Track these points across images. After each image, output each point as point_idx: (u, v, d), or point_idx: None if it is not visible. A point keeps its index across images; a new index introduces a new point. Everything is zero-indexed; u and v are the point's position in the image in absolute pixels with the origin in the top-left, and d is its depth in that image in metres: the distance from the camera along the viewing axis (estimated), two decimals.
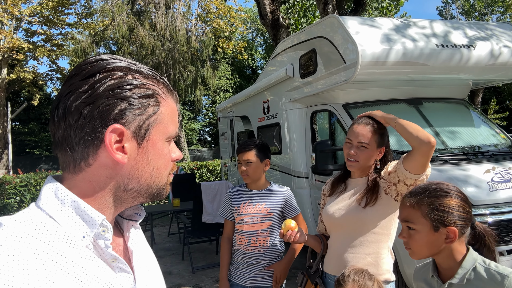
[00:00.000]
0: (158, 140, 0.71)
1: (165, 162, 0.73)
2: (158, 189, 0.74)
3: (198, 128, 26.25)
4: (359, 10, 10.94)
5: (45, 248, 0.58)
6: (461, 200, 1.17)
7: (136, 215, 0.82)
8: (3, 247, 0.55)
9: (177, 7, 17.06)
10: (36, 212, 0.63)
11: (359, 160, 1.73)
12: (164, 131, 0.71)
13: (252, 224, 2.15)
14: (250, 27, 28.02)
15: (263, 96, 5.88)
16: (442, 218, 1.14)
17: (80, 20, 18.04)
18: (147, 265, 0.81)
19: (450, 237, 1.14)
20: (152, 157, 0.70)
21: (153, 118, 0.69)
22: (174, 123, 0.74)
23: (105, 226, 0.66)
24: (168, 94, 0.74)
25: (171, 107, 0.73)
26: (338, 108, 4.16)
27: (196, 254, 5.79)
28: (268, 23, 10.07)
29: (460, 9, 24.04)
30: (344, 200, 1.81)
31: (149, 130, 0.69)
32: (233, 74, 26.51)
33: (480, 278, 1.09)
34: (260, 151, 2.18)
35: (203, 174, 10.45)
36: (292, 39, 4.98)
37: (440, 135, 3.92)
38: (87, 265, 0.62)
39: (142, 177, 0.70)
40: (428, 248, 1.17)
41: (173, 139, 0.76)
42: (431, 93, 4.40)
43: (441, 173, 3.21)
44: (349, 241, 1.76)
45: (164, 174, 0.74)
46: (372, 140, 1.73)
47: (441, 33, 3.85)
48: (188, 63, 16.73)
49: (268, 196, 2.20)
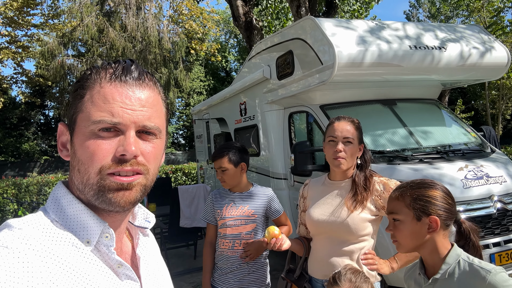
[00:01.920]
0: (81, 129, 0.64)
1: (89, 155, 0.63)
2: (94, 190, 0.64)
3: (172, 131, 25.88)
4: (331, 12, 11.14)
5: (50, 251, 0.59)
6: (444, 192, 1.21)
7: (146, 222, 0.81)
8: (9, 250, 0.55)
9: (148, 8, 16.78)
10: (44, 216, 0.64)
11: (346, 157, 1.72)
12: (86, 119, 0.64)
13: (235, 227, 2.12)
14: (223, 28, 27.93)
15: (239, 98, 5.85)
16: (424, 207, 1.18)
17: (47, 21, 17.44)
18: (156, 274, 0.79)
19: (432, 227, 1.17)
20: (77, 149, 0.65)
21: (78, 107, 0.66)
22: (102, 109, 0.63)
23: (108, 232, 0.66)
24: (102, 78, 0.66)
25: (99, 93, 0.64)
26: (316, 109, 4.19)
27: (174, 260, 5.68)
28: (242, 25, 10.07)
29: (427, 12, 24.92)
30: (327, 203, 1.79)
31: (75, 120, 0.66)
32: (207, 76, 26.33)
33: (463, 273, 1.11)
34: (233, 156, 2.13)
35: (179, 177, 10.30)
36: (268, 40, 4.99)
37: (414, 135, 4.02)
38: (90, 271, 0.62)
39: (74, 172, 0.67)
40: (412, 239, 1.20)
41: (112, 129, 0.64)
42: (405, 93, 4.50)
43: (417, 172, 3.28)
44: (335, 245, 1.74)
45: (91, 170, 0.63)
46: (355, 136, 1.74)
47: (414, 35, 3.95)
48: (161, 65, 16.47)
49: (251, 198, 2.18)
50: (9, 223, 0.61)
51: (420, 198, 1.19)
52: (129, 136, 0.64)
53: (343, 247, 1.72)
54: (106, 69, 0.67)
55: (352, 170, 1.78)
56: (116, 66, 0.67)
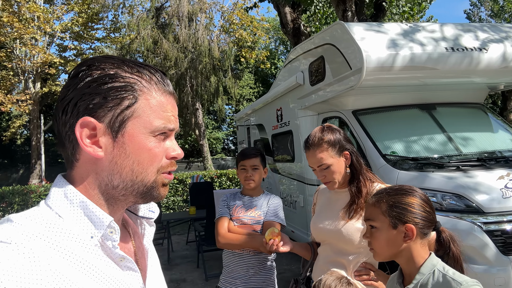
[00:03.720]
0: (137, 133, 0.68)
1: (150, 157, 0.69)
2: (146, 187, 0.70)
3: (222, 137, 26.51)
4: (380, 15, 10.80)
5: (56, 245, 0.59)
6: (422, 200, 1.16)
7: (150, 213, 0.83)
8: (13, 245, 0.55)
9: (200, 19, 17.45)
10: (46, 210, 0.64)
11: (333, 178, 1.69)
12: (145, 124, 0.68)
13: (244, 226, 2.17)
14: (272, 36, 28.21)
15: (276, 104, 5.90)
16: (400, 215, 1.14)
17: (108, 35, 18.83)
18: (156, 265, 0.83)
19: (408, 235, 1.13)
20: (131, 150, 0.68)
21: (130, 110, 0.67)
22: (162, 117, 0.70)
23: (113, 227, 0.66)
24: (153, 87, 0.70)
25: (156, 100, 0.70)
26: (348, 114, 4.13)
27: (211, 262, 5.82)
28: (290, 32, 10.12)
29: (489, 11, 23.25)
30: (329, 212, 1.78)
31: (124, 123, 0.67)
32: (256, 83, 26.70)
33: (436, 284, 1.06)
34: (262, 158, 2.28)
35: (223, 182, 10.53)
36: (302, 46, 5.00)
37: (454, 141, 3.80)
38: (96, 262, 0.63)
39: (122, 171, 0.68)
40: (388, 247, 1.16)
41: (164, 133, 0.71)
42: (446, 97, 4.28)
43: (450, 180, 3.11)
44: (334, 253, 1.72)
45: (150, 169, 0.70)
46: (329, 156, 1.66)
47: (452, 36, 3.75)
48: (211, 74, 17.01)
49: (261, 203, 2.23)
50: (10, 218, 0.61)
51: (396, 205, 1.15)
52: (175, 141, 0.74)
53: (340, 256, 1.69)
54: (151, 76, 0.71)
55: (349, 177, 1.74)
56: (159, 75, 0.72)
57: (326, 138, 1.67)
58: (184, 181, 10.19)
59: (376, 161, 3.59)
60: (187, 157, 26.21)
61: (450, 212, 3.01)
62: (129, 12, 17.67)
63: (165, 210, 9.92)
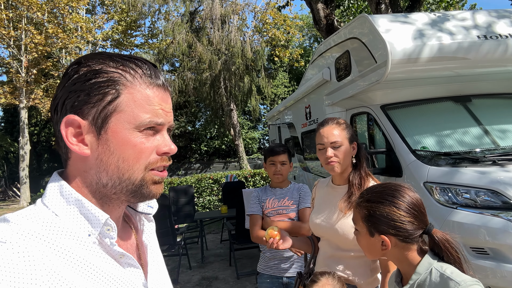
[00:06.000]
0: (121, 129, 0.65)
1: (135, 153, 0.66)
2: (134, 185, 0.68)
3: (258, 137, 26.63)
4: (416, 6, 10.39)
5: (53, 244, 0.59)
6: (403, 210, 1.08)
7: (149, 208, 0.82)
8: (8, 245, 0.54)
9: (232, 21, 17.65)
10: (42, 209, 0.63)
11: (340, 160, 1.67)
12: (129, 119, 0.66)
13: (278, 215, 2.35)
14: (307, 33, 27.94)
15: (304, 102, 5.85)
16: (376, 225, 1.09)
17: (147, 41, 19.51)
18: (158, 260, 0.82)
19: (385, 245, 1.08)
20: (115, 147, 0.65)
21: (112, 106, 0.65)
22: (147, 110, 0.67)
23: (109, 225, 0.65)
24: (138, 80, 0.67)
25: (141, 94, 0.67)
26: (376, 109, 4.01)
27: (244, 261, 5.87)
28: (323, 28, 9.97)
29: None
30: (326, 207, 1.77)
31: (107, 119, 0.65)
32: (291, 82, 26.55)
33: (433, 284, 1.00)
34: (289, 154, 2.49)
35: (257, 181, 10.58)
36: (328, 42, 4.92)
37: (491, 134, 3.59)
38: (95, 260, 0.63)
39: (108, 169, 0.66)
40: (369, 252, 1.14)
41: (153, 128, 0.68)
42: (482, 88, 4.05)
43: (483, 175, 2.94)
44: (332, 249, 1.72)
45: (136, 166, 0.67)
46: (344, 137, 1.70)
47: (484, 23, 3.54)
48: (244, 74, 17.16)
49: (291, 192, 2.43)
50: (7, 217, 0.60)
51: (373, 215, 1.10)
52: (167, 135, 0.71)
53: (338, 253, 1.68)
54: (136, 69, 0.68)
55: (350, 170, 1.73)
56: (146, 67, 0.69)
57: (344, 122, 1.77)
58: (219, 180, 10.35)
59: (405, 157, 3.47)
60: (224, 157, 26.56)
61: (485, 209, 2.85)
62: (165, 18, 18.22)
63: (201, 209, 10.13)
